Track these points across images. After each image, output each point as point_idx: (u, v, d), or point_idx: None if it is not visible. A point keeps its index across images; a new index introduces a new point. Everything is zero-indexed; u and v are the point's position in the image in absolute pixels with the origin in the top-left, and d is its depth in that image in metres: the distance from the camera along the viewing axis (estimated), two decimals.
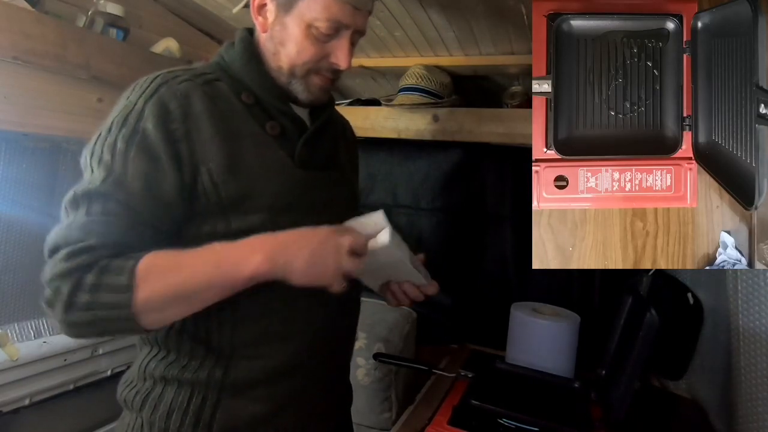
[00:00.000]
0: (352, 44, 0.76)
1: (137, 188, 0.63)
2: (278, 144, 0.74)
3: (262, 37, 0.76)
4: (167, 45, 1.30)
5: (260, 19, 0.75)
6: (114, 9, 1.16)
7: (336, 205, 0.81)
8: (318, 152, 0.80)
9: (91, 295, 0.57)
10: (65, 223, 0.61)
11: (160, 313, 0.62)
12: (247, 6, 0.80)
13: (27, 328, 1.26)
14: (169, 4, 1.38)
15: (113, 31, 1.17)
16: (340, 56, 0.74)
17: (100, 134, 0.66)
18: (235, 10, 0.87)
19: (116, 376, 1.41)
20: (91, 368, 1.36)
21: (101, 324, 0.60)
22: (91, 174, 0.64)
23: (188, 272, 0.61)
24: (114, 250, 0.60)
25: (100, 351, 1.37)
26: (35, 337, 1.26)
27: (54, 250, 0.60)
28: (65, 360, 1.29)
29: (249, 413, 0.71)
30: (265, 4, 0.74)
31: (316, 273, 0.64)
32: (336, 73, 0.77)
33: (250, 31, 0.79)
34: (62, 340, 1.30)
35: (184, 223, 0.68)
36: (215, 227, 0.69)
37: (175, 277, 0.60)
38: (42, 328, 1.29)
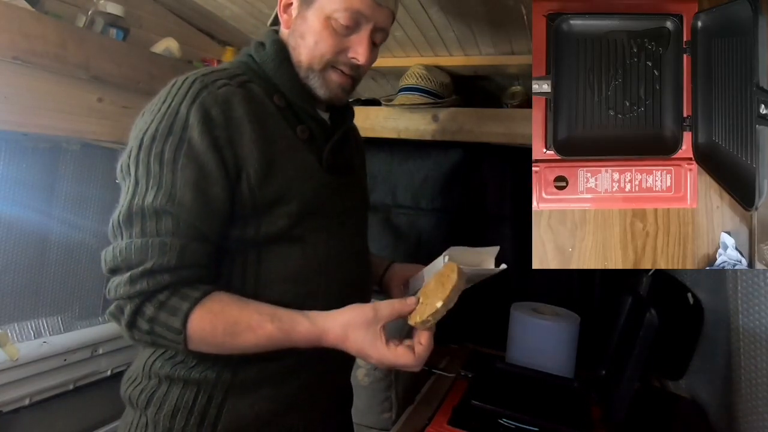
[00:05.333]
0: (374, 44, 0.76)
1: (188, 200, 0.64)
2: (307, 148, 0.75)
3: (285, 34, 0.77)
4: (167, 45, 1.30)
5: (285, 16, 0.77)
6: (114, 9, 1.16)
7: (355, 209, 0.83)
8: (340, 157, 0.81)
9: (149, 325, 0.63)
10: (123, 243, 0.63)
11: (211, 353, 0.68)
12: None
13: (27, 328, 1.26)
14: (169, 4, 1.38)
15: (113, 31, 1.17)
16: (359, 50, 0.73)
17: (142, 142, 0.65)
18: (269, 22, 0.87)
19: (116, 376, 1.41)
20: (91, 368, 1.36)
21: (159, 346, 0.68)
22: (136, 186, 0.64)
23: (242, 340, 0.65)
24: (173, 275, 0.63)
25: (100, 351, 1.38)
26: (35, 337, 1.26)
27: (115, 270, 0.64)
28: (65, 360, 1.29)
29: (254, 413, 0.71)
30: (291, 3, 0.76)
31: (362, 358, 0.68)
32: (355, 69, 0.76)
33: (277, 32, 0.80)
34: (62, 340, 1.30)
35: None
36: (245, 232, 0.69)
37: (230, 340, 0.65)
38: (42, 328, 1.29)
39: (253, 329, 0.64)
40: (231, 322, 0.64)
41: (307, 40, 0.74)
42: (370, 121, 1.41)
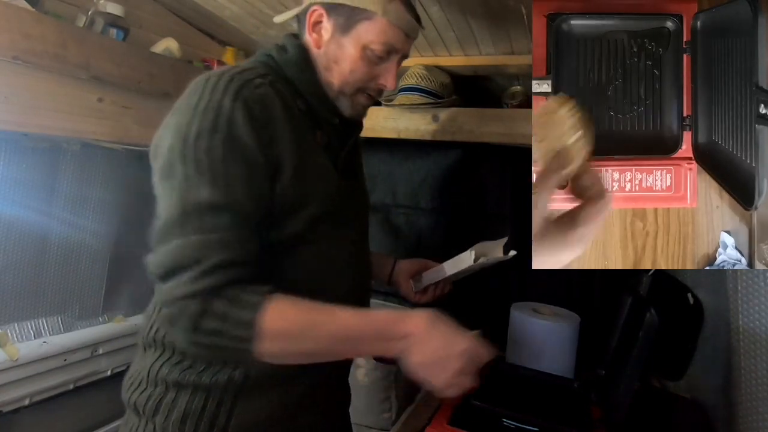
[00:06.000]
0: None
1: (242, 195, 0.63)
2: (324, 152, 0.76)
3: (314, 51, 0.79)
4: (167, 45, 1.30)
5: (314, 35, 0.78)
6: (114, 9, 1.16)
7: (360, 212, 0.86)
8: (352, 162, 0.84)
9: (220, 324, 0.59)
10: (180, 242, 0.60)
11: (279, 360, 0.65)
12: (297, 20, 0.83)
13: (27, 328, 1.26)
14: (169, 4, 1.38)
15: (113, 31, 1.17)
16: (388, 78, 0.79)
17: (186, 139, 0.63)
18: (279, 20, 0.88)
19: (116, 376, 1.41)
20: (91, 368, 1.36)
21: (220, 350, 0.62)
22: (186, 182, 0.62)
23: (319, 330, 0.64)
24: (237, 271, 0.61)
25: (100, 351, 1.37)
26: (35, 337, 1.26)
27: (171, 272, 0.60)
28: (65, 360, 1.29)
29: (263, 416, 0.71)
30: (320, 22, 0.77)
31: (430, 375, 0.65)
32: (380, 93, 0.82)
33: (295, 37, 0.81)
34: (62, 340, 1.30)
35: None
36: (269, 234, 0.69)
37: (308, 330, 0.63)
38: (42, 328, 1.29)
39: (333, 313, 0.63)
40: (308, 309, 0.63)
41: (342, 66, 0.77)
42: (370, 121, 1.41)
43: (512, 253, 0.89)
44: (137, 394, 0.72)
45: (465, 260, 0.88)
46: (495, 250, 0.94)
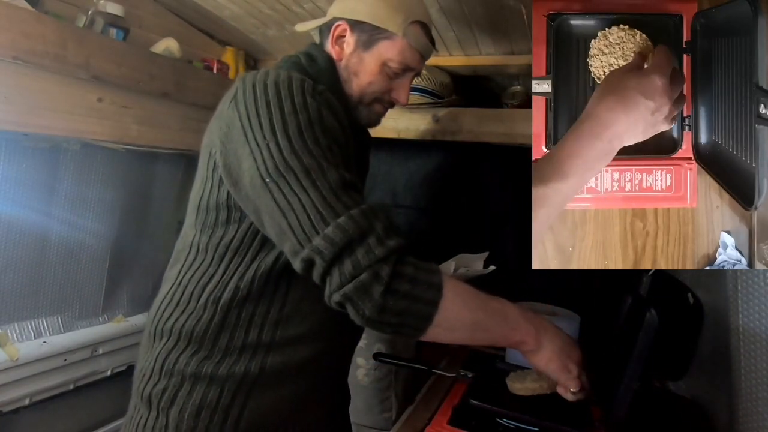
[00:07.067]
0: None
1: (354, 173, 0.66)
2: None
3: (336, 63, 0.83)
4: (167, 45, 1.30)
5: (336, 48, 0.84)
6: (114, 9, 1.16)
7: None
8: (363, 172, 0.92)
9: (410, 286, 0.60)
10: (342, 221, 0.59)
11: (447, 331, 0.64)
12: (318, 31, 0.89)
13: (27, 328, 1.26)
14: (169, 4, 1.38)
15: (113, 31, 1.17)
16: (401, 93, 0.87)
17: (289, 138, 0.63)
18: (301, 29, 0.93)
19: (116, 376, 1.41)
20: (91, 368, 1.36)
21: (407, 316, 0.61)
22: (309, 175, 0.61)
23: (484, 311, 0.67)
24: (400, 236, 0.63)
25: (100, 351, 1.38)
26: (35, 337, 1.26)
27: (348, 246, 0.58)
28: (65, 360, 1.29)
29: (275, 411, 0.72)
30: (343, 36, 0.83)
31: (558, 367, 0.73)
32: (392, 105, 0.89)
33: (319, 46, 0.86)
34: (62, 340, 1.30)
35: None
36: None
37: (475, 310, 0.66)
38: (42, 328, 1.29)
39: (493, 297, 0.67)
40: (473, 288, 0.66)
41: (362, 79, 0.83)
42: None
43: (491, 267, 0.95)
44: (151, 387, 0.71)
45: (445, 270, 0.92)
46: (476, 263, 1.00)
